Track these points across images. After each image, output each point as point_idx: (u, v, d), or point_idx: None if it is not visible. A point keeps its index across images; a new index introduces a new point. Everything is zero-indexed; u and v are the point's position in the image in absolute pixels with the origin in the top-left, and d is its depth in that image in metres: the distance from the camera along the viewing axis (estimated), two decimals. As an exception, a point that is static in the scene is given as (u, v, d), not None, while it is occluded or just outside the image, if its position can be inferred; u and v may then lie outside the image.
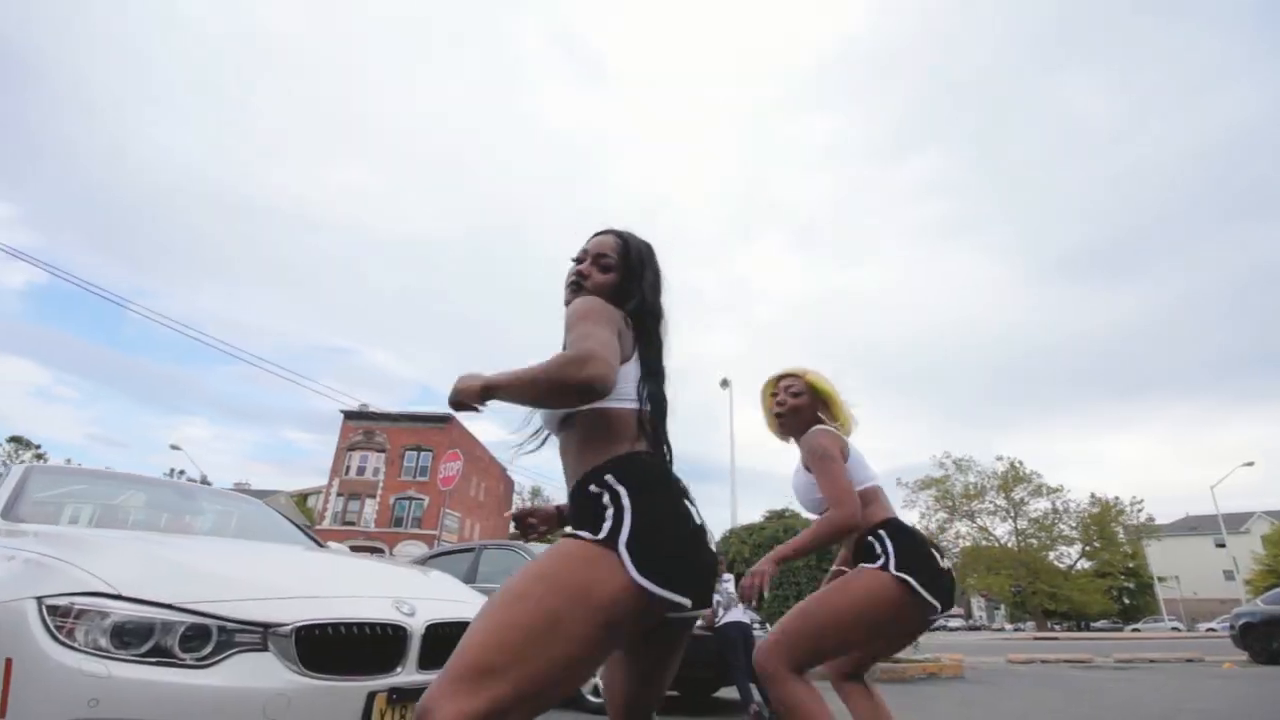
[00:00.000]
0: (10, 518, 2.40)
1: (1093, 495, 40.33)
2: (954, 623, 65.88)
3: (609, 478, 1.17)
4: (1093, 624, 46.75)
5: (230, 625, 1.70)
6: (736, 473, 16.41)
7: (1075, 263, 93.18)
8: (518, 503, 52.19)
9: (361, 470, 37.79)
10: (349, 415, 37.67)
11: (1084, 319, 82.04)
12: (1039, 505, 40.83)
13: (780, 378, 2.22)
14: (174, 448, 29.89)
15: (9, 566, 1.84)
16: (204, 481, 22.67)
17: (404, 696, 1.91)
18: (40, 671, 1.47)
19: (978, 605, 69.89)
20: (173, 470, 36.13)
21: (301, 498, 49.00)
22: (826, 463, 1.93)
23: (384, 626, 1.97)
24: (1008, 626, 55.75)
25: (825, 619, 1.86)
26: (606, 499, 1.14)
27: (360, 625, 1.90)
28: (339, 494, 37.41)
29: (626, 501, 1.11)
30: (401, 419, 37.64)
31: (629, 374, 1.28)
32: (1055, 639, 26.74)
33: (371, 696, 1.83)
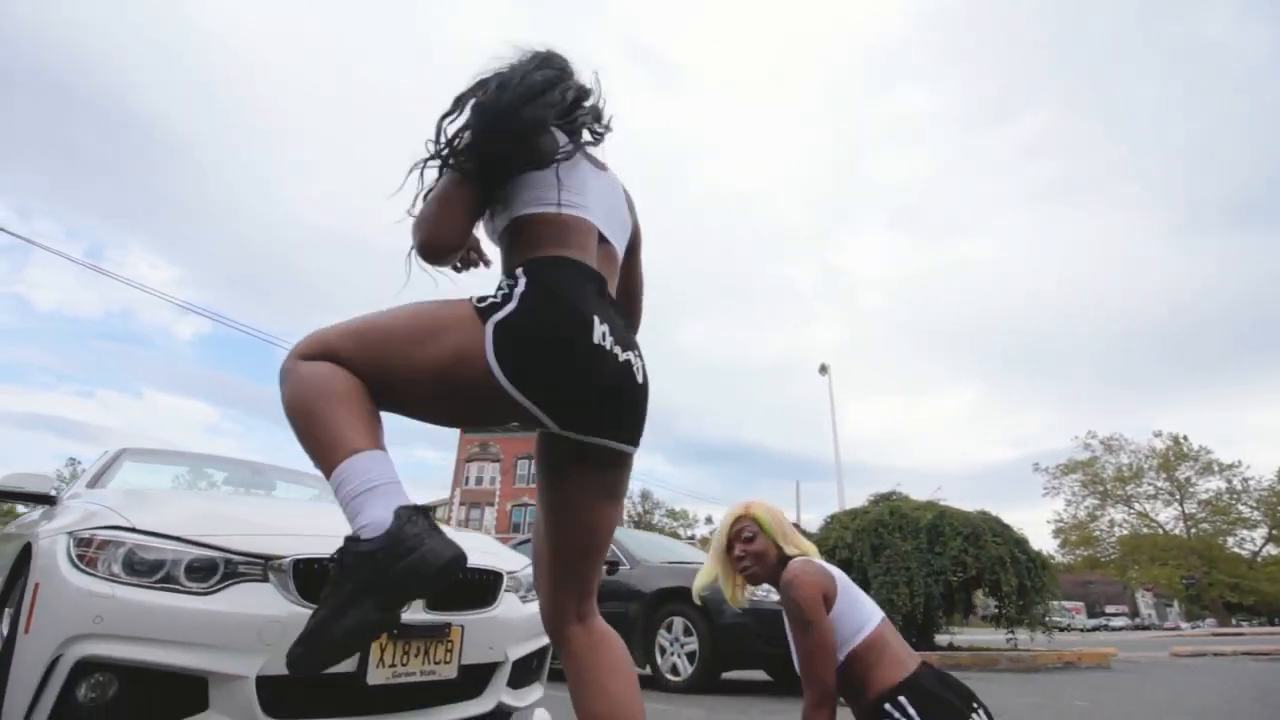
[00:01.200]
0: (96, 487, 2.68)
1: None
2: (1117, 622, 59.15)
3: (518, 270, 1.13)
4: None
5: (235, 558, 1.79)
6: (843, 467, 15.67)
7: (1229, 209, 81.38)
8: (627, 506, 52.92)
9: (480, 481, 39.98)
10: (465, 429, 40.01)
11: (1247, 271, 71.17)
12: (1210, 485, 35.93)
13: (731, 526, 1.89)
14: (318, 467, 33.05)
15: (75, 513, 2.04)
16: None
17: (406, 632, 1.93)
18: (59, 593, 1.62)
19: (1144, 602, 62.07)
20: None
21: (431, 510, 52.46)
22: (797, 632, 1.64)
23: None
24: (1183, 625, 49.28)
25: None
26: (504, 286, 1.12)
27: (364, 564, 1.95)
28: (461, 504, 39.69)
29: (520, 288, 1.08)
30: (513, 429, 39.42)
31: (543, 180, 1.22)
32: (1240, 634, 23.31)
33: (371, 629, 1.86)
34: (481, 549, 2.51)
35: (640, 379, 1.17)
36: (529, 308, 1.06)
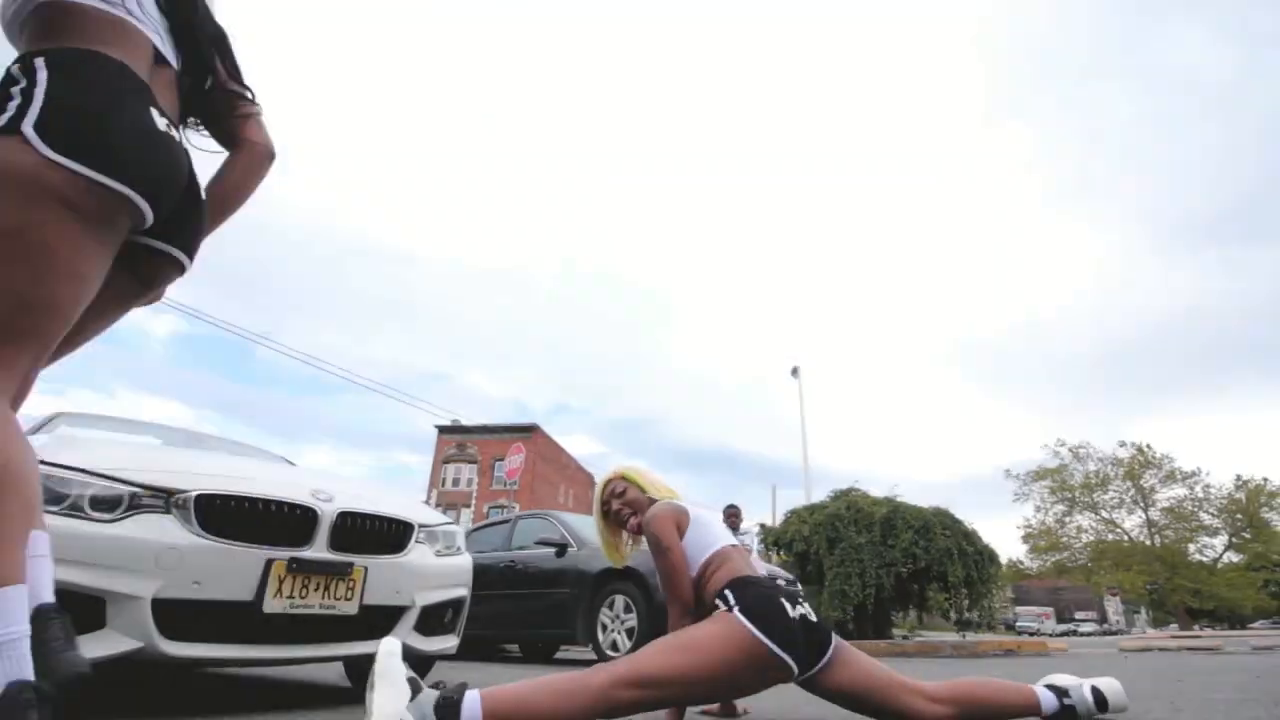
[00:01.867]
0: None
1: (1238, 477, 35.86)
2: (1086, 627, 59.94)
3: (37, 60, 0.91)
4: (1250, 624, 41.48)
5: (139, 492, 1.90)
6: (828, 477, 15.88)
7: (1204, 227, 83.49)
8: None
9: (456, 482, 39.84)
10: (443, 430, 39.81)
11: (1217, 287, 73.05)
12: (1172, 493, 36.80)
13: (604, 488, 2.13)
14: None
15: None
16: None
17: (305, 567, 2.05)
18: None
19: (1113, 608, 63.04)
20: (292, 488, 39.41)
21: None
22: (658, 557, 1.85)
23: (297, 508, 2.12)
24: (1149, 630, 50.25)
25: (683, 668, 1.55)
26: (20, 80, 0.89)
27: (270, 503, 2.06)
28: (438, 505, 39.42)
29: (42, 80, 0.88)
30: (490, 430, 39.29)
31: None
32: (1196, 637, 23.87)
33: (269, 563, 1.97)
34: (399, 504, 2.63)
35: (204, 195, 1.07)
36: (67, 94, 0.87)
